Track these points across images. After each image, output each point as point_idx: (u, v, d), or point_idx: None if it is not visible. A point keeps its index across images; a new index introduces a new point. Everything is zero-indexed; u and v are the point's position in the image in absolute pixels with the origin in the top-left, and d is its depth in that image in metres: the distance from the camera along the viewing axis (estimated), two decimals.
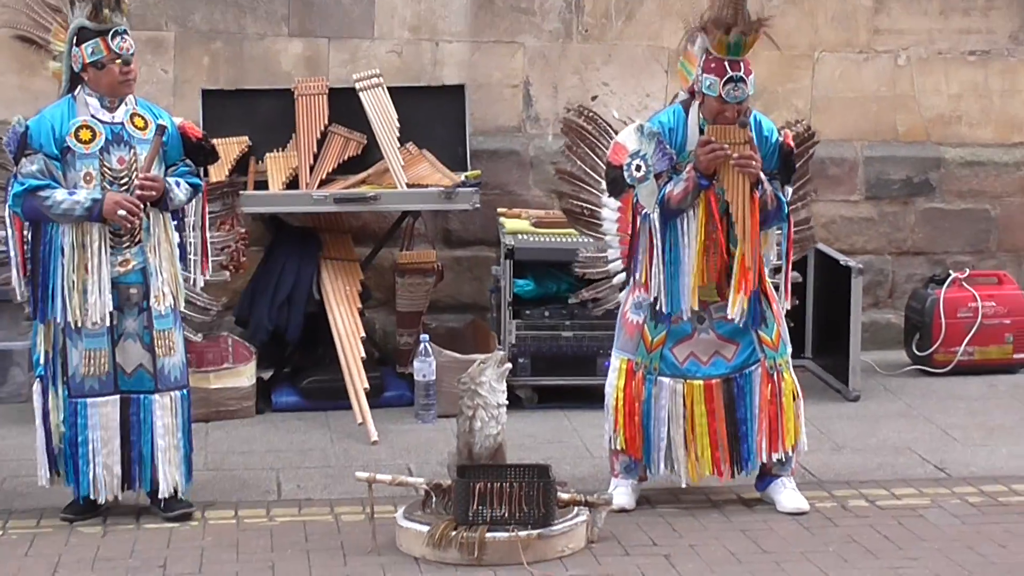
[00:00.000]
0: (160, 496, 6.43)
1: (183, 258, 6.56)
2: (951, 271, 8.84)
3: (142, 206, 6.24)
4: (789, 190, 6.61)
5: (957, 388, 8.48)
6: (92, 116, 6.33)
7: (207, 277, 6.73)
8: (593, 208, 7.03)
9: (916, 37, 9.27)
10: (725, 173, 6.33)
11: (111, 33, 6.27)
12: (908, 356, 8.86)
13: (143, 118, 6.38)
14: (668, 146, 6.37)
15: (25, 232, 6.38)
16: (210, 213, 6.84)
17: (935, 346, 8.68)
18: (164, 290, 6.38)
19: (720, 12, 6.32)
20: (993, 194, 9.34)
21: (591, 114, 7.19)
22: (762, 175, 6.35)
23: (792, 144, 6.55)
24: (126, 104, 6.38)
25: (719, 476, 6.59)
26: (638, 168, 6.36)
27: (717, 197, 6.37)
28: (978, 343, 8.69)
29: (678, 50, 6.61)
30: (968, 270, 8.89)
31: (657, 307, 6.47)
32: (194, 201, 6.56)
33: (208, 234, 6.72)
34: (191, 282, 6.67)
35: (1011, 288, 8.84)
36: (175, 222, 6.51)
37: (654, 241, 6.41)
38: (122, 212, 6.20)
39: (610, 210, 6.89)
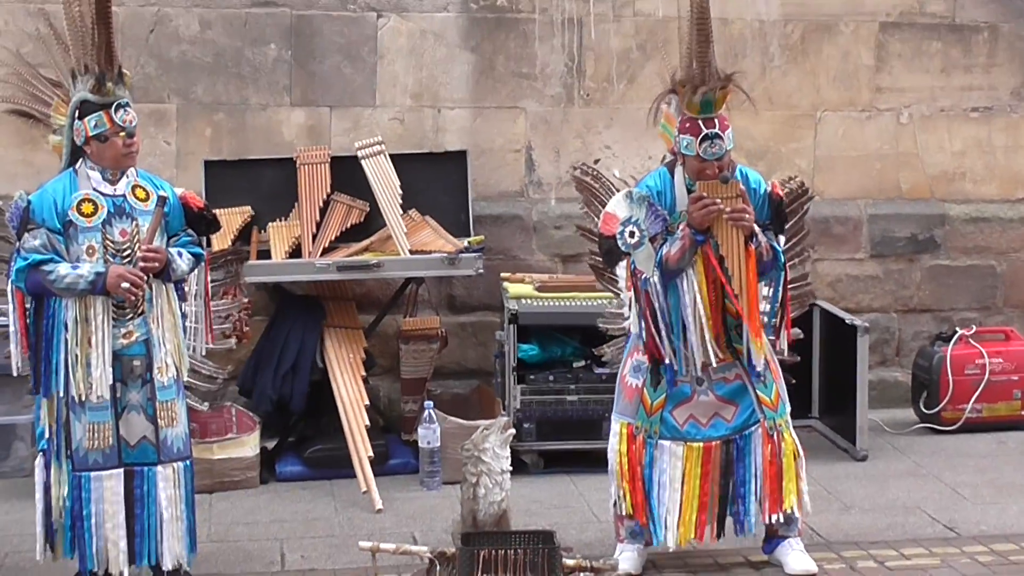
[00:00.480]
0: (164, 569, 6.39)
1: (185, 328, 6.55)
2: (958, 328, 8.83)
3: (145, 278, 6.24)
4: (782, 239, 6.59)
5: (966, 446, 8.43)
6: (94, 189, 6.32)
7: (210, 346, 6.71)
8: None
9: (918, 95, 9.29)
10: (719, 228, 6.32)
11: (114, 106, 6.28)
12: (916, 414, 8.82)
13: (144, 190, 6.38)
14: (660, 208, 6.37)
15: (27, 307, 6.38)
16: (213, 282, 6.85)
17: (943, 404, 8.65)
18: (167, 361, 6.36)
19: (688, 72, 6.34)
20: (998, 250, 9.33)
21: (595, 172, 7.22)
22: (756, 227, 6.34)
23: (781, 193, 6.54)
24: (127, 176, 6.38)
25: (699, 539, 6.54)
26: (632, 234, 6.35)
27: (714, 252, 6.36)
28: (986, 400, 8.65)
29: (653, 112, 6.61)
30: (975, 327, 8.87)
31: (664, 370, 6.44)
32: (197, 270, 6.55)
33: (211, 303, 6.72)
34: (194, 351, 6.66)
35: (1018, 344, 8.81)
36: (178, 292, 6.51)
37: (656, 304, 6.39)
38: (126, 285, 6.19)
39: (622, 268, 6.88)
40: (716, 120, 6.33)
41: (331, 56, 8.88)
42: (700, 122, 6.32)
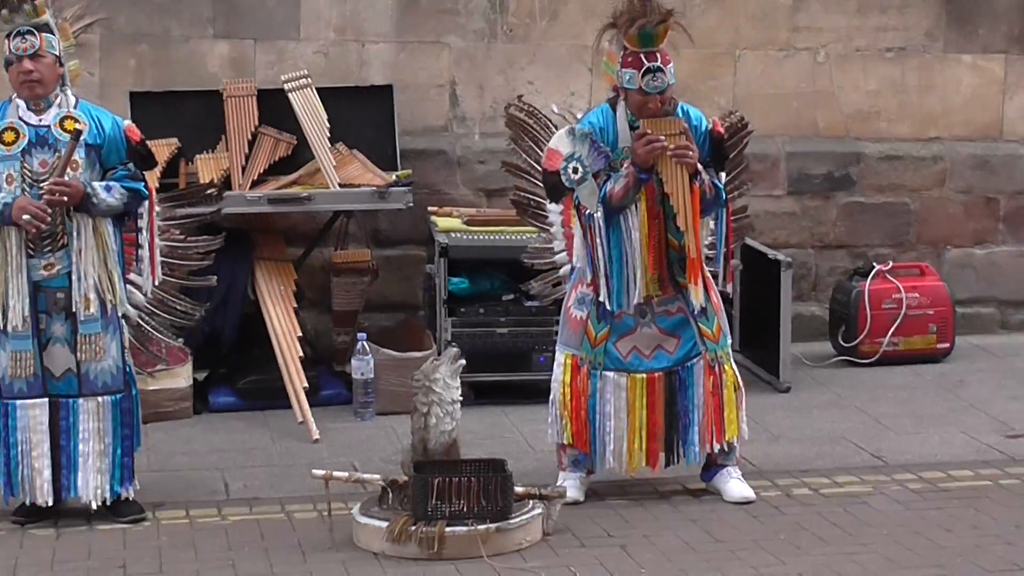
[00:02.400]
0: (85, 503, 6.38)
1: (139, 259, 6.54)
2: (874, 263, 9.00)
3: (49, 211, 6.19)
4: (723, 176, 6.70)
5: (884, 378, 8.62)
6: (19, 118, 6.30)
7: (157, 281, 6.68)
8: (539, 200, 7.15)
9: (835, 35, 9.42)
10: (663, 165, 6.40)
11: (13, 34, 6.26)
12: (834, 347, 9.00)
13: (75, 121, 6.33)
14: (602, 144, 6.45)
15: None
16: (192, 217, 6.88)
17: (861, 337, 8.83)
18: (90, 295, 6.33)
19: (629, 5, 6.42)
20: (912, 188, 9.50)
21: (531, 108, 7.28)
22: (699, 165, 6.44)
23: (722, 131, 6.66)
24: (59, 107, 6.35)
25: (652, 467, 6.68)
26: (575, 170, 6.43)
27: (656, 190, 6.45)
28: (903, 334, 8.84)
29: (595, 49, 6.69)
30: (891, 262, 9.05)
31: (603, 304, 6.54)
32: (144, 206, 6.52)
33: (156, 239, 6.68)
34: (144, 290, 6.64)
35: (933, 280, 9.01)
36: (120, 226, 6.46)
37: (597, 240, 6.47)
38: (27, 217, 6.16)
39: (554, 205, 6.97)
40: (658, 54, 6.42)
41: None
42: (642, 55, 6.39)
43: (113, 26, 8.67)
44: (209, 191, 7.43)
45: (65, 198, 6.21)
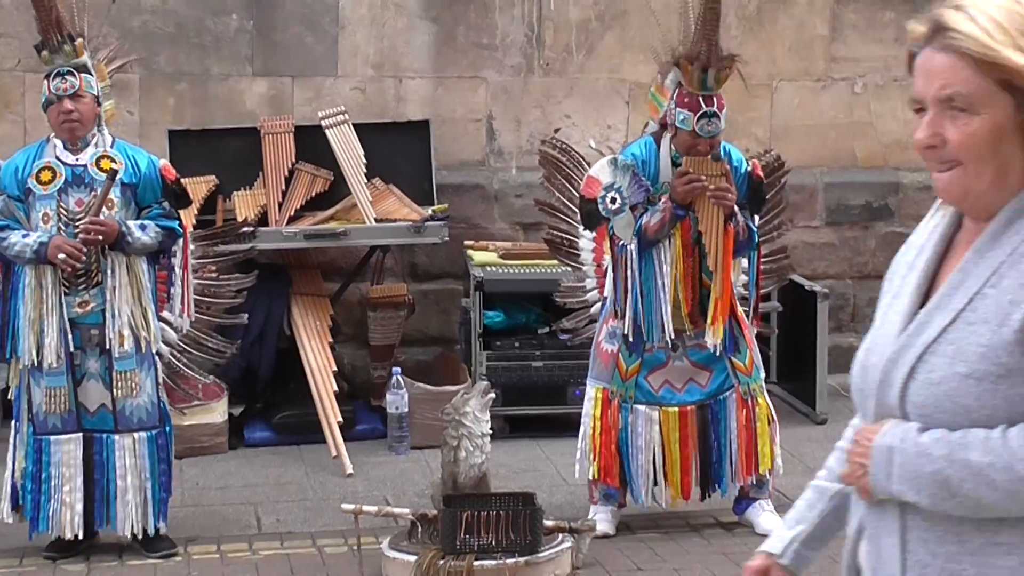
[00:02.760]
0: (123, 536, 6.43)
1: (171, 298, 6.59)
2: None
3: (84, 250, 6.24)
4: (757, 219, 6.70)
5: None
6: (56, 158, 6.37)
7: (191, 319, 6.73)
8: (572, 239, 7.16)
9: (872, 64, 9.42)
10: (701, 204, 6.41)
11: (53, 74, 6.32)
12: None
13: (112, 160, 6.39)
14: (643, 178, 6.45)
15: None
16: (226, 256, 6.97)
17: None
18: (125, 332, 6.38)
19: (694, 48, 6.41)
20: None
21: (565, 146, 7.29)
22: (735, 207, 6.44)
23: (761, 175, 6.66)
24: (95, 146, 6.40)
25: (685, 499, 6.67)
26: (612, 200, 6.44)
27: (691, 227, 6.46)
28: None
29: (653, 82, 6.69)
30: None
31: (633, 337, 6.54)
32: (177, 245, 6.57)
33: (190, 276, 6.72)
34: (179, 327, 6.69)
35: None
36: (155, 264, 6.52)
37: (630, 272, 6.48)
38: (62, 256, 6.22)
39: (587, 240, 7.00)
40: (715, 99, 6.42)
41: (293, 26, 8.91)
42: (700, 99, 6.38)
43: (152, 65, 8.76)
44: (244, 229, 7.46)
45: (100, 237, 6.27)
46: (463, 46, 9.07)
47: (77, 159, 6.37)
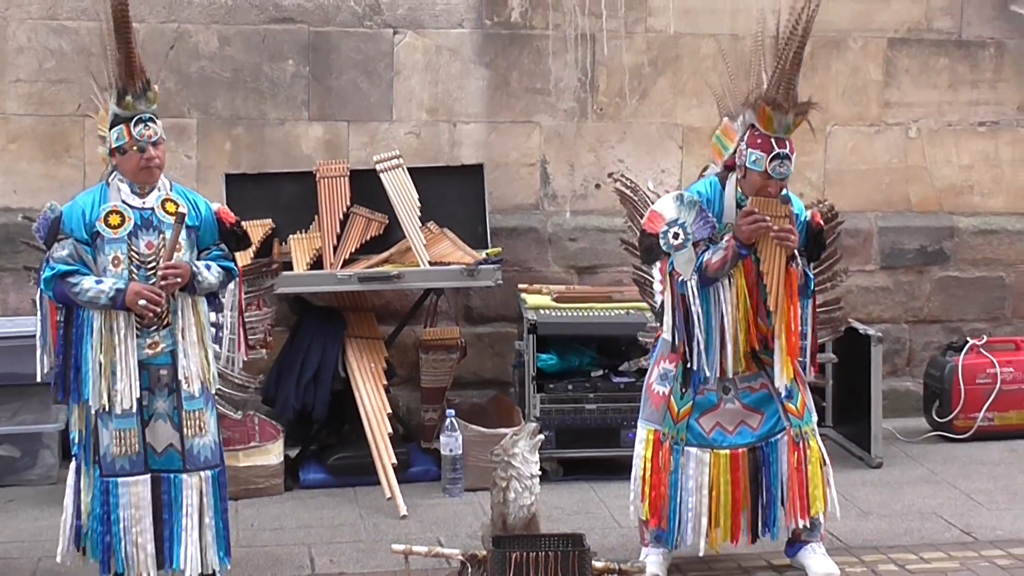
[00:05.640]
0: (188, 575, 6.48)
1: (220, 339, 6.64)
2: (968, 338, 8.94)
3: (163, 295, 6.32)
4: (812, 268, 6.69)
5: (978, 453, 8.55)
6: (123, 201, 6.42)
7: (245, 358, 6.80)
8: (650, 278, 7.13)
9: (926, 110, 9.42)
10: (764, 244, 6.42)
11: (134, 120, 6.38)
12: (928, 423, 8.94)
13: (175, 203, 6.46)
14: (710, 215, 6.46)
15: (59, 316, 6.47)
16: (246, 294, 6.95)
17: (955, 412, 8.76)
18: (192, 371, 6.44)
19: (772, 90, 6.43)
20: (1007, 262, 9.46)
21: (633, 184, 7.31)
22: (796, 253, 6.45)
23: (821, 222, 6.66)
24: (159, 190, 6.46)
25: (734, 542, 6.65)
26: (675, 236, 6.43)
27: (752, 268, 6.46)
28: (998, 409, 8.77)
29: (719, 126, 6.71)
30: (985, 337, 8.98)
31: (695, 370, 6.52)
32: (232, 284, 6.64)
33: (243, 318, 6.79)
34: (231, 363, 6.75)
35: None
36: (212, 304, 6.59)
37: (693, 307, 6.48)
38: (143, 302, 6.26)
39: (657, 282, 6.97)
40: (787, 142, 6.45)
41: (348, 71, 8.99)
42: (773, 140, 6.41)
43: (210, 110, 8.86)
44: (271, 266, 7.52)
45: (179, 279, 6.34)
46: (517, 91, 9.13)
47: (143, 202, 6.42)
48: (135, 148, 6.36)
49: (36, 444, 8.20)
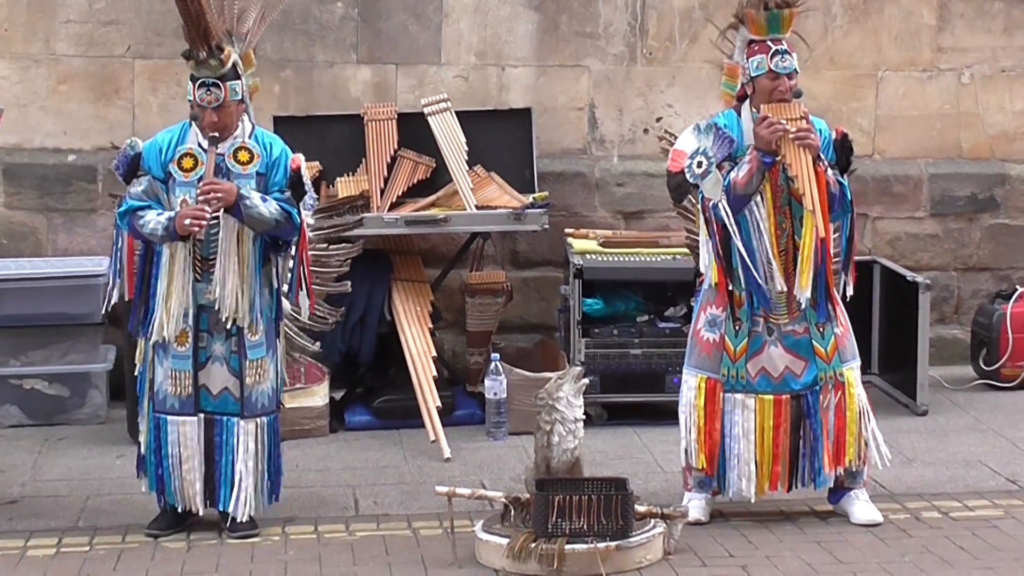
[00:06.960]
0: (237, 519, 6.52)
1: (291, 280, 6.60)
2: (1017, 286, 8.88)
3: (208, 210, 6.31)
4: (847, 179, 6.63)
5: None
6: (198, 145, 6.45)
7: (304, 306, 6.71)
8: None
9: (980, 55, 9.33)
10: (787, 149, 6.38)
11: (198, 83, 6.41)
12: (975, 371, 8.89)
13: (249, 151, 6.47)
14: (726, 130, 6.43)
15: (137, 250, 6.57)
16: (334, 228, 7.13)
17: (1002, 360, 8.72)
18: (226, 303, 6.38)
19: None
20: None
21: (676, 137, 7.26)
22: (821, 154, 6.40)
23: (844, 132, 6.62)
24: (234, 137, 6.48)
25: (772, 489, 6.63)
26: (699, 164, 6.40)
27: (779, 176, 6.43)
28: None
29: (719, 43, 6.75)
30: None
31: (742, 313, 6.50)
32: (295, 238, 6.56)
33: (309, 270, 6.66)
34: (300, 313, 6.79)
35: None
36: (275, 251, 6.55)
37: (731, 228, 6.43)
38: (187, 221, 6.30)
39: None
40: (783, 40, 6.48)
41: (397, 14, 8.98)
42: (768, 41, 6.46)
43: (259, 52, 8.82)
44: (356, 203, 7.49)
45: (220, 194, 6.33)
46: (566, 35, 9.09)
47: (216, 149, 6.45)
48: (193, 110, 6.44)
49: (85, 384, 8.27)
